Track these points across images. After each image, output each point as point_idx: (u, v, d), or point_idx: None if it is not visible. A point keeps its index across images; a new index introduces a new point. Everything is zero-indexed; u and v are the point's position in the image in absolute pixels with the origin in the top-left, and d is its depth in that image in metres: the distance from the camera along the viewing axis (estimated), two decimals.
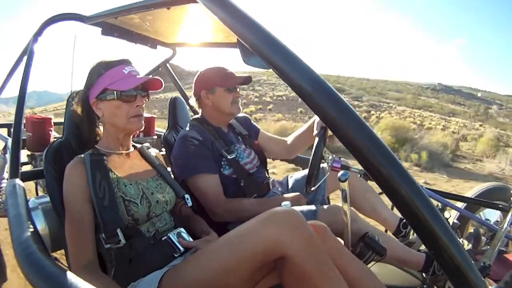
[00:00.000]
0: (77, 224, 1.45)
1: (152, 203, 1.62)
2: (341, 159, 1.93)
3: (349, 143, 0.71)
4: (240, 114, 2.50)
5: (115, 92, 1.57)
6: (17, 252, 1.17)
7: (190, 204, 1.78)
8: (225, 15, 0.85)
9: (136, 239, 1.49)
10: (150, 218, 1.61)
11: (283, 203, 1.62)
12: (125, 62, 1.64)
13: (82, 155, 1.58)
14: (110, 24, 2.20)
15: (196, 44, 2.97)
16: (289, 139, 2.53)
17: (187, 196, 1.78)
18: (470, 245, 2.23)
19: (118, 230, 1.45)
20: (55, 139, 1.81)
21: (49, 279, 1.01)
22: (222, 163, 2.21)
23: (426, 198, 0.69)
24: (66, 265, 1.59)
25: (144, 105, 1.66)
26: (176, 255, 1.54)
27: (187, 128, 2.29)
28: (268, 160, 2.67)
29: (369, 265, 1.66)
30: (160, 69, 3.50)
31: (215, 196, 2.10)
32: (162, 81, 1.69)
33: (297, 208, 1.97)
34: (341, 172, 1.56)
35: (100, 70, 1.61)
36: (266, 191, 2.35)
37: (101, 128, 1.72)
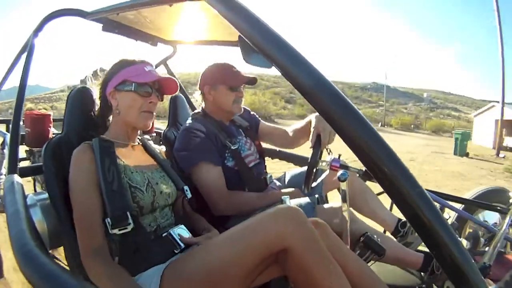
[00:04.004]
0: (85, 208, 1.45)
1: (156, 192, 1.63)
2: (340, 158, 1.93)
3: (351, 141, 0.71)
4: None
5: (133, 84, 1.64)
6: (15, 250, 1.16)
7: (189, 196, 1.79)
8: (228, 11, 0.86)
9: (138, 233, 1.49)
10: (154, 208, 1.62)
11: (283, 196, 1.64)
12: (148, 63, 1.74)
13: (90, 141, 1.60)
14: (111, 20, 2.20)
15: (197, 42, 2.96)
16: (290, 131, 2.53)
17: (186, 187, 1.79)
18: (469, 246, 2.24)
19: (128, 213, 1.45)
20: (54, 135, 1.80)
21: (47, 276, 1.00)
22: (226, 154, 2.21)
23: (428, 198, 0.69)
24: (65, 262, 1.59)
25: (157, 104, 1.73)
26: (176, 252, 1.54)
27: (190, 121, 2.29)
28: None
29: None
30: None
31: (218, 189, 2.09)
32: (178, 83, 1.78)
33: (295, 200, 1.99)
34: (340, 172, 1.56)
35: (123, 64, 1.70)
36: (264, 186, 2.35)
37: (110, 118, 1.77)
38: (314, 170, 1.93)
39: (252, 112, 2.69)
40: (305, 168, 1.94)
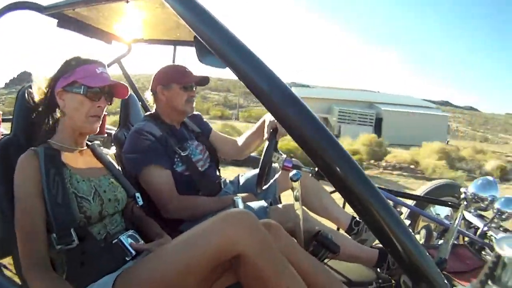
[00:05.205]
0: (28, 219, 1.40)
1: (104, 201, 1.58)
2: (293, 159, 1.95)
3: (303, 142, 0.72)
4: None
5: (82, 86, 1.57)
6: None
7: (141, 203, 1.75)
8: (184, 10, 0.84)
9: (87, 242, 1.45)
10: (103, 217, 1.58)
11: (235, 197, 1.69)
12: (100, 63, 1.66)
13: (36, 148, 1.53)
14: (67, 16, 2.13)
15: (152, 41, 2.93)
16: (240, 140, 2.54)
17: (137, 194, 1.75)
18: (423, 240, 2.32)
19: (72, 230, 1.41)
20: (3, 136, 1.73)
21: None
22: (175, 159, 2.18)
23: (380, 195, 0.70)
24: (15, 272, 1.53)
25: (106, 109, 1.67)
26: (128, 259, 1.51)
27: (141, 123, 2.25)
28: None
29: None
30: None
31: (168, 192, 2.07)
32: (129, 89, 1.73)
33: (249, 203, 2.00)
34: (293, 172, 1.58)
35: (75, 63, 1.62)
36: (218, 190, 2.35)
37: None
38: (269, 163, 1.94)
39: (204, 120, 2.67)
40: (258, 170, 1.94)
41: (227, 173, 2.71)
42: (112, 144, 2.52)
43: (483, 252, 2.26)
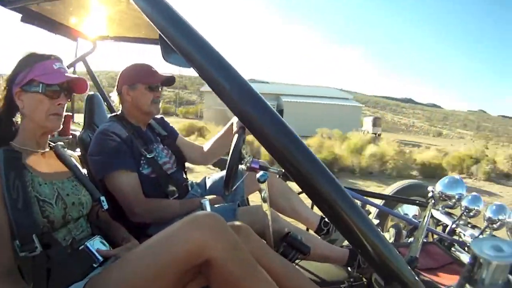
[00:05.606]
0: None
1: (67, 204, 1.53)
2: (259, 160, 1.93)
3: (267, 142, 0.71)
4: (158, 116, 2.45)
5: (40, 84, 1.51)
6: None
7: (106, 206, 1.71)
8: (147, 6, 0.81)
9: (52, 249, 1.40)
10: (67, 222, 1.53)
11: (202, 200, 1.64)
12: (57, 59, 1.59)
13: None
14: (31, 10, 2.08)
15: (117, 38, 2.88)
16: (206, 146, 2.52)
17: (102, 198, 1.71)
18: (393, 238, 2.34)
19: (34, 236, 1.35)
20: None
21: None
22: (141, 162, 2.14)
23: (347, 196, 0.69)
24: None
25: (65, 105, 1.62)
26: (95, 265, 1.47)
27: (107, 124, 2.19)
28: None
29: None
30: None
31: (134, 195, 2.02)
32: (88, 83, 1.67)
33: (217, 206, 1.99)
34: (260, 173, 1.56)
35: (31, 60, 1.55)
36: (185, 192, 2.32)
37: (19, 120, 1.61)
38: (238, 160, 1.90)
39: (171, 125, 2.64)
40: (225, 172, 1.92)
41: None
42: (77, 145, 2.45)
43: (452, 249, 2.31)
